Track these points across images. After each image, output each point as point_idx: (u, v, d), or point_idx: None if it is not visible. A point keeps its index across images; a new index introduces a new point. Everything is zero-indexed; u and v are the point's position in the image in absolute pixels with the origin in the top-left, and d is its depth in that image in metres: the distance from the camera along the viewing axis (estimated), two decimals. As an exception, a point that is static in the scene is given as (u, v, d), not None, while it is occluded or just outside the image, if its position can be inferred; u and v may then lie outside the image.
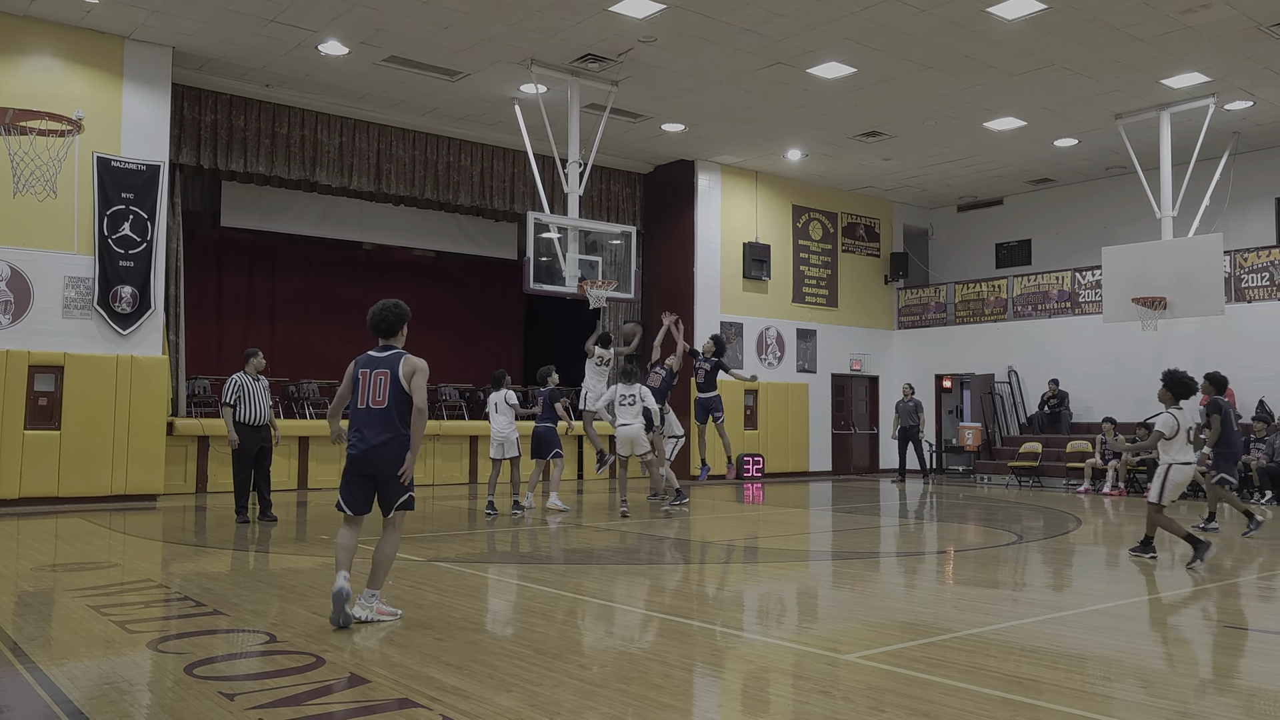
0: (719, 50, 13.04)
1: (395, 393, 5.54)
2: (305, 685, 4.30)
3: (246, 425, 10.54)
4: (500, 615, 6.06)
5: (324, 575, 7.30)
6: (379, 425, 5.50)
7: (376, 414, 5.52)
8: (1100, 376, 18.32)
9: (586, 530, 10.62)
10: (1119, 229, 18.80)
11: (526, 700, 4.10)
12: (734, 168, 19.17)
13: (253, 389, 10.61)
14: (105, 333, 12.62)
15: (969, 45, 12.83)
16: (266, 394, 10.77)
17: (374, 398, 5.55)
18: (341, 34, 12.64)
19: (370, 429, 5.51)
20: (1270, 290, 16.32)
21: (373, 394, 5.56)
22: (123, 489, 12.47)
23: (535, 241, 13.40)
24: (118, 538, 9.67)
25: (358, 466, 5.59)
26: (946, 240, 22.84)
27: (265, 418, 10.68)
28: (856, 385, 21.49)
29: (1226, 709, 4.17)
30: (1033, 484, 17.68)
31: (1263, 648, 5.30)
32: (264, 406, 10.66)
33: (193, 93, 14.34)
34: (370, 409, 5.54)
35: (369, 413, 5.54)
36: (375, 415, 5.52)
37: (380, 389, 5.55)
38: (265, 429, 10.73)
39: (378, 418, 5.51)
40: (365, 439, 5.52)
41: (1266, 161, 17.63)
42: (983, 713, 3.97)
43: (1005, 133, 16.70)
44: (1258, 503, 14.24)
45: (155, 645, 5.11)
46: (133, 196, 12.84)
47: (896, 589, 7.38)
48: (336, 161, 15.65)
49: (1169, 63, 13.42)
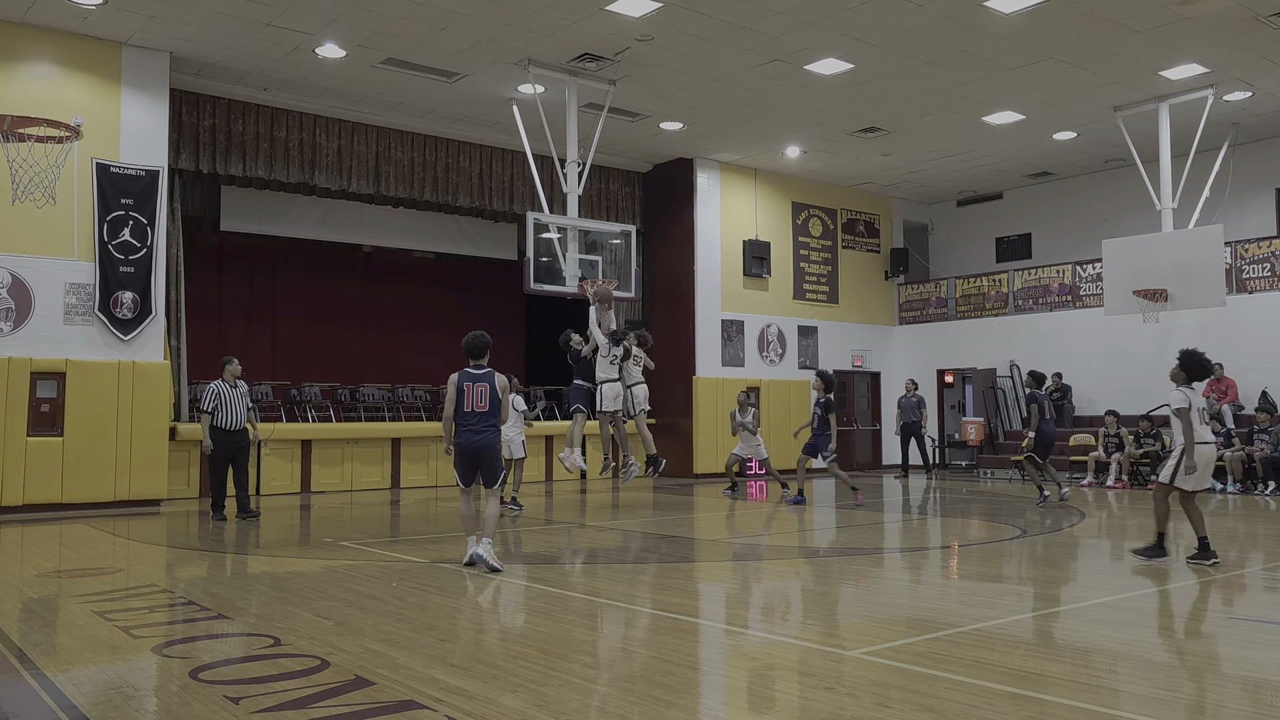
0: (716, 48, 13.03)
1: (493, 399, 7.50)
2: (310, 688, 4.30)
3: (223, 430, 11.10)
4: (504, 616, 6.06)
5: (327, 578, 7.30)
6: (483, 423, 7.47)
7: (480, 415, 7.48)
8: (1102, 369, 18.30)
9: (589, 529, 10.62)
10: (1119, 221, 18.78)
11: (531, 700, 4.10)
12: (733, 165, 19.16)
13: (230, 395, 11.17)
14: (106, 339, 12.63)
15: (966, 39, 12.81)
16: (244, 399, 11.35)
17: (478, 403, 7.48)
18: (339, 36, 12.64)
19: (476, 426, 7.44)
20: (1271, 281, 16.30)
21: (476, 401, 7.48)
22: (126, 494, 12.47)
23: (535, 241, 13.40)
24: (121, 543, 9.67)
25: (466, 452, 7.49)
26: (946, 235, 22.82)
27: (242, 422, 11.24)
28: (858, 381, 21.47)
29: (1233, 700, 4.16)
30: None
31: (1268, 639, 5.30)
32: (241, 411, 11.24)
33: (191, 97, 14.34)
34: (475, 411, 7.47)
35: (475, 415, 7.47)
36: (480, 416, 7.47)
37: (483, 397, 7.50)
38: (242, 432, 11.27)
39: (481, 418, 7.47)
40: (475, 432, 7.46)
41: (1266, 152, 17.60)
42: (989, 707, 3.97)
43: (1004, 127, 16.67)
44: (1262, 493, 14.24)
45: (160, 650, 5.11)
46: (132, 202, 12.85)
47: (901, 584, 7.38)
48: (335, 164, 15.65)
49: (1167, 54, 13.40)
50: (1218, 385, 16.31)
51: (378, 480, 15.92)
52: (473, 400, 7.50)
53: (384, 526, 11.14)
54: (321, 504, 13.55)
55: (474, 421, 7.49)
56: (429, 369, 19.81)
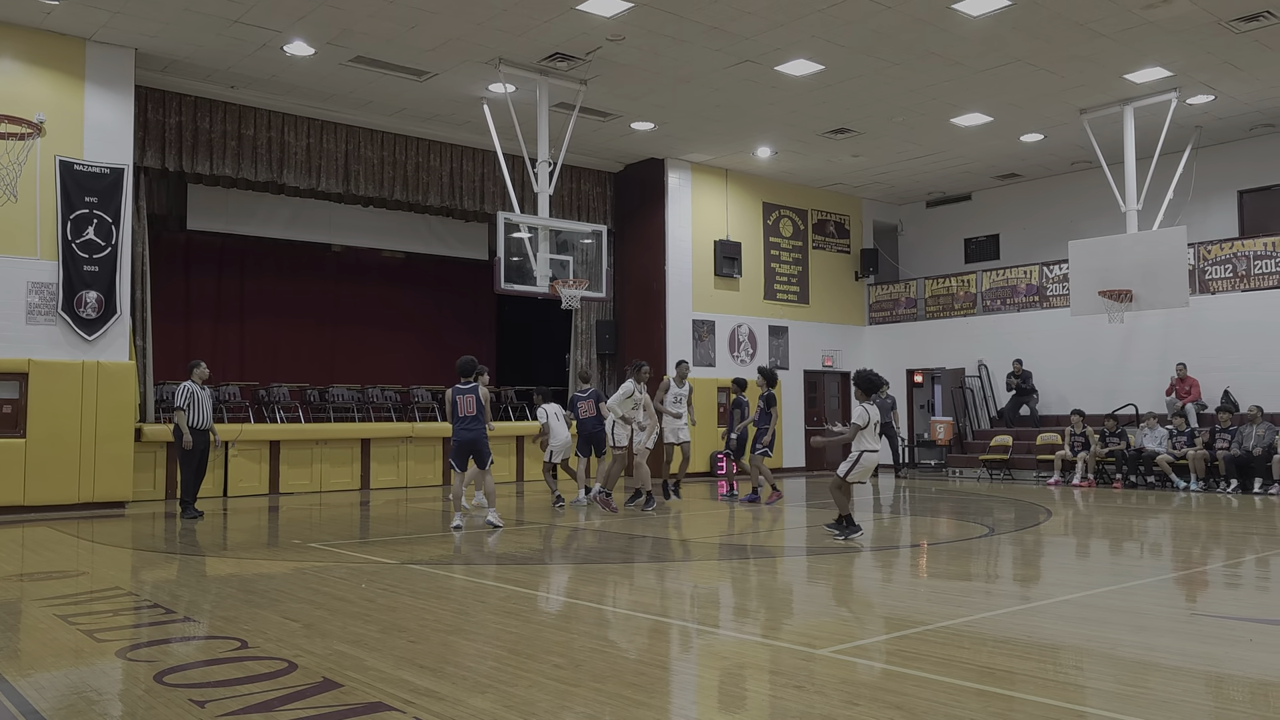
0: (687, 48, 13.06)
1: (478, 405, 10.06)
2: (277, 691, 4.26)
3: (194, 429, 11.42)
4: (474, 617, 6.03)
5: (296, 580, 7.24)
6: (472, 424, 10.05)
7: (470, 418, 10.05)
8: (1068, 369, 18.52)
9: (561, 530, 10.59)
10: (1085, 223, 19.01)
11: (501, 701, 4.08)
12: (704, 166, 19.20)
13: (200, 396, 11.51)
14: (70, 339, 12.45)
15: (935, 42, 12.92)
16: (210, 401, 11.74)
17: (467, 410, 10.05)
18: (307, 34, 12.53)
19: (468, 426, 10.05)
20: (1233, 282, 16.56)
21: (466, 408, 10.05)
22: (90, 496, 12.30)
23: (506, 241, 13.36)
24: (86, 546, 9.54)
25: (463, 447, 10.13)
26: (916, 236, 23.00)
27: (209, 422, 11.61)
28: (829, 381, 21.58)
29: (1195, 696, 4.22)
30: (1004, 477, 17.84)
31: (1230, 634, 5.38)
32: (209, 412, 11.65)
33: (156, 95, 14.17)
34: (466, 416, 10.05)
35: (466, 418, 10.05)
36: (470, 420, 10.05)
37: (470, 405, 10.04)
38: (209, 433, 11.61)
39: (471, 421, 10.05)
40: (467, 430, 10.06)
41: (1228, 155, 17.88)
42: (956, 704, 4.00)
43: (972, 128, 16.83)
44: (1224, 491, 14.45)
45: (124, 654, 5.04)
46: (96, 200, 12.67)
47: (870, 583, 7.42)
48: (304, 163, 15.52)
49: (1131, 58, 13.58)
50: (1180, 385, 16.56)
51: (347, 481, 15.80)
52: (465, 407, 10.01)
53: (353, 528, 11.06)
54: (290, 505, 13.43)
55: (466, 423, 10.02)
56: (399, 369, 19.71)
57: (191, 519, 11.36)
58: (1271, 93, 15.15)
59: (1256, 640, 5.22)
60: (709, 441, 18.88)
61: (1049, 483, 16.42)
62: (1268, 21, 12.29)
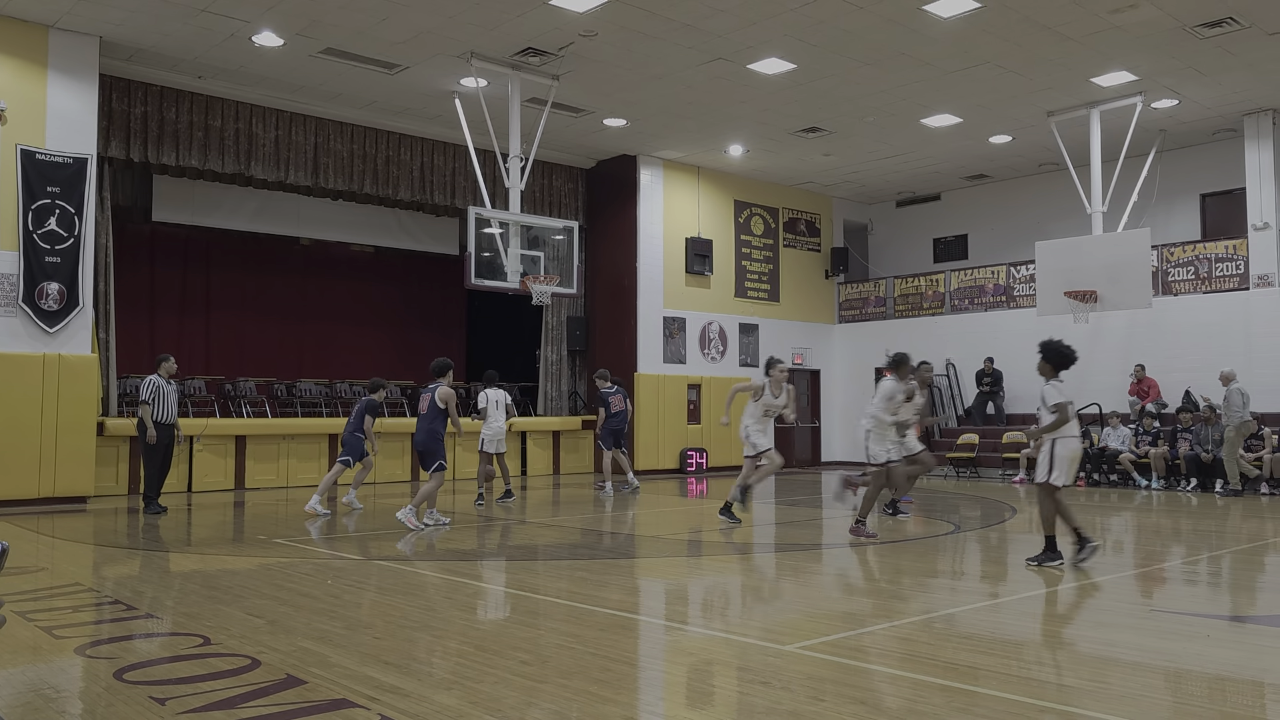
0: (660, 45, 13.05)
1: (430, 406, 9.86)
2: (240, 688, 4.22)
3: (159, 424, 11.36)
4: (441, 613, 6.00)
5: (260, 576, 7.18)
6: (422, 425, 9.96)
7: (421, 419, 9.95)
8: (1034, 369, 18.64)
9: (529, 526, 10.58)
10: (1052, 224, 19.22)
11: (467, 698, 4.07)
12: (676, 163, 19.21)
13: (165, 390, 11.45)
14: (31, 331, 12.24)
15: (906, 43, 13.00)
16: (175, 396, 11.68)
17: (422, 410, 9.97)
18: (276, 25, 12.40)
19: (419, 428, 10.01)
20: (1195, 284, 16.81)
21: (422, 408, 9.98)
22: (51, 491, 12.11)
23: (477, 236, 13.30)
24: (46, 541, 9.40)
25: (415, 446, 10.19)
26: (886, 235, 23.15)
27: (174, 417, 11.59)
28: (799, 379, 21.68)
29: (1154, 690, 4.28)
30: (970, 475, 18.01)
31: (1186, 630, 5.46)
32: (174, 407, 11.61)
33: (121, 84, 13.96)
34: (421, 415, 9.96)
35: (419, 418, 9.99)
36: (421, 420, 9.95)
37: (424, 404, 9.91)
38: (173, 428, 11.60)
39: (422, 421, 9.95)
40: (418, 431, 10.03)
41: (1191, 159, 18.14)
42: (920, 699, 4.03)
43: (942, 129, 16.95)
44: (1183, 490, 14.67)
45: (84, 651, 4.98)
46: (59, 190, 12.47)
47: (836, 579, 7.47)
48: (273, 155, 15.35)
49: (1098, 61, 13.74)
50: (1139, 386, 16.78)
51: (314, 477, 15.66)
52: (421, 407, 10.09)
53: (320, 523, 10.97)
54: (256, 501, 13.30)
55: (418, 425, 10.09)
56: (368, 364, 19.55)
57: (155, 514, 11.25)
58: (1233, 98, 15.39)
59: (1213, 636, 5.32)
60: (679, 438, 18.91)
61: (1014, 481, 16.60)
62: (1230, 28, 12.47)
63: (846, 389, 21.91)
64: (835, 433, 22.00)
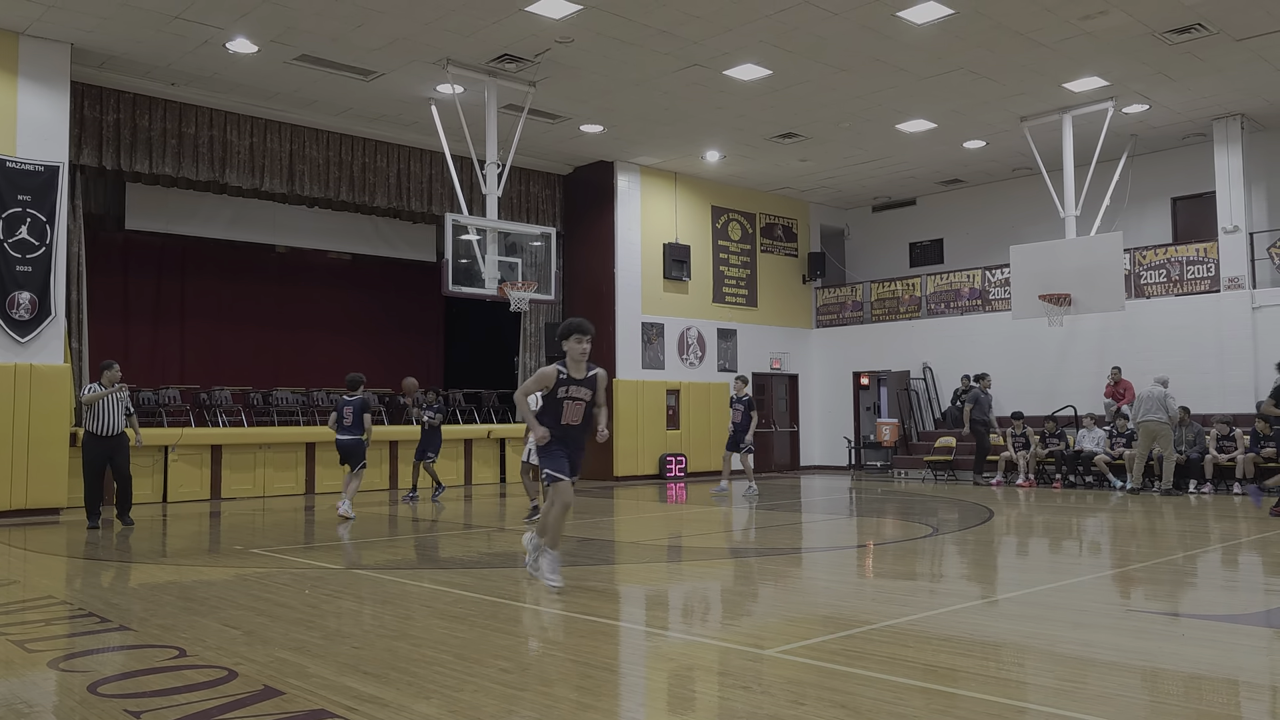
0: (636, 52, 13.08)
1: (354, 416, 11.71)
2: (216, 699, 4.18)
3: (98, 436, 10.96)
4: (420, 621, 5.97)
5: (237, 587, 7.11)
6: (349, 433, 11.72)
7: (348, 428, 11.71)
8: (1010, 372, 18.85)
9: (508, 534, 10.54)
10: (1026, 228, 19.39)
11: (447, 707, 4.04)
12: (653, 169, 19.25)
13: (106, 401, 10.97)
14: (2, 341, 12.09)
15: (880, 49, 13.09)
16: (122, 404, 11.17)
17: (347, 421, 11.72)
18: (250, 31, 12.33)
19: (346, 433, 11.72)
20: (1167, 286, 17.01)
21: (345, 417, 11.72)
22: (23, 503, 11.96)
23: (454, 243, 13.27)
24: (18, 554, 9.27)
25: (340, 449, 11.80)
26: (862, 240, 23.28)
27: (119, 428, 11.07)
28: (777, 384, 21.75)
29: (1131, 690, 4.32)
30: (948, 478, 18.11)
31: (1161, 630, 5.51)
32: (119, 417, 11.08)
33: (93, 91, 13.84)
34: (347, 426, 11.72)
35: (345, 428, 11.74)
36: (347, 429, 11.72)
37: (350, 415, 11.73)
38: (118, 438, 11.08)
39: (348, 429, 11.72)
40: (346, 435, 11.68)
41: (1162, 163, 18.36)
42: (900, 702, 4.04)
43: (917, 134, 17.08)
44: (1158, 491, 14.80)
45: (57, 664, 4.91)
46: (30, 199, 12.34)
47: (817, 583, 7.48)
48: (247, 162, 15.25)
49: (1070, 67, 13.89)
50: (1115, 388, 16.94)
51: (291, 486, 15.57)
52: (345, 416, 11.73)
53: (297, 533, 10.89)
54: (232, 511, 13.18)
55: (343, 430, 11.71)
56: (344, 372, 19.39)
57: (94, 529, 10.86)
58: (1203, 103, 15.59)
59: (1188, 635, 5.36)
60: (658, 444, 18.91)
61: (992, 483, 16.70)
62: (1199, 34, 12.64)
63: (824, 393, 22.01)
64: (814, 437, 22.09)
